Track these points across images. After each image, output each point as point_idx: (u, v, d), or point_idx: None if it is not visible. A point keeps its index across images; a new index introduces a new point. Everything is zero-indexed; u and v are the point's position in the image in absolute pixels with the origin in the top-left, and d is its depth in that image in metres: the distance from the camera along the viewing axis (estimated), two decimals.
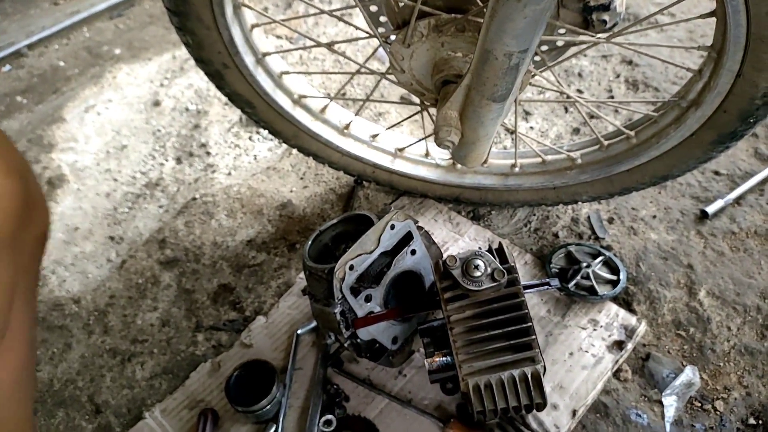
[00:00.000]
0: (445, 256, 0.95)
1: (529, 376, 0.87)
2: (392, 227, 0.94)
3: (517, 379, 0.86)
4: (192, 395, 1.09)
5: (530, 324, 0.88)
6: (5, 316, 0.60)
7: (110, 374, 1.16)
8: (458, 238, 1.26)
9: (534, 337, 0.87)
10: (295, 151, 1.45)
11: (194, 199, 1.44)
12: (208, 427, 1.02)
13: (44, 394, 1.15)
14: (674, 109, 0.96)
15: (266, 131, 1.23)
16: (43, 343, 1.22)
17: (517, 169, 1.18)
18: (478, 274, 0.87)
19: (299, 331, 1.13)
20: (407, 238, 0.96)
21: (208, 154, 1.54)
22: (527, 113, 1.53)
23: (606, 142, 1.08)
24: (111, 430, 1.09)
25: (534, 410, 0.91)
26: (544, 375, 0.88)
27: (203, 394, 1.09)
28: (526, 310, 0.88)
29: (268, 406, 0.99)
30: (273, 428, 1.01)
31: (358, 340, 0.94)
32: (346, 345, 0.94)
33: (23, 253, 0.62)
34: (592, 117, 1.47)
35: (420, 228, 1.01)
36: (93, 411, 1.12)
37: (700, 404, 1.02)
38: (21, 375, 0.68)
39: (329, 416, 1.02)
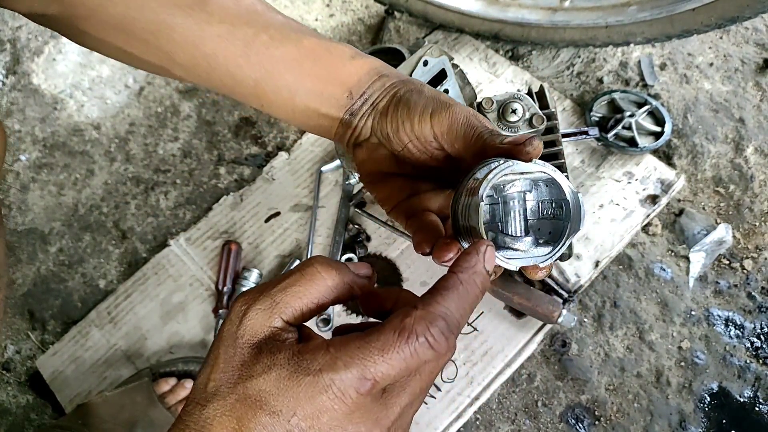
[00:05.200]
0: (480, 97, 0.88)
1: None
2: (425, 63, 0.86)
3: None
4: (215, 226, 1.10)
5: (566, 174, 0.83)
6: None
7: (134, 202, 1.17)
8: (494, 79, 1.17)
9: None
10: None
11: None
12: (232, 258, 1.03)
13: (70, 218, 1.16)
14: None
15: None
16: (66, 168, 1.21)
17: (567, 4, 1.06)
18: (515, 118, 0.81)
19: (323, 169, 1.10)
20: (440, 76, 0.89)
21: None
22: None
23: None
24: (137, 255, 1.11)
25: (558, 260, 0.90)
26: None
27: (226, 225, 1.10)
28: (563, 160, 0.83)
29: None
30: (296, 263, 1.02)
31: None
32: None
33: None
34: None
35: (455, 66, 0.93)
36: (119, 236, 1.14)
37: (728, 262, 1.00)
38: None
39: (351, 254, 1.02)
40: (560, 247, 0.41)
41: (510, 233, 0.43)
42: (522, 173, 0.40)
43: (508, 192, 0.42)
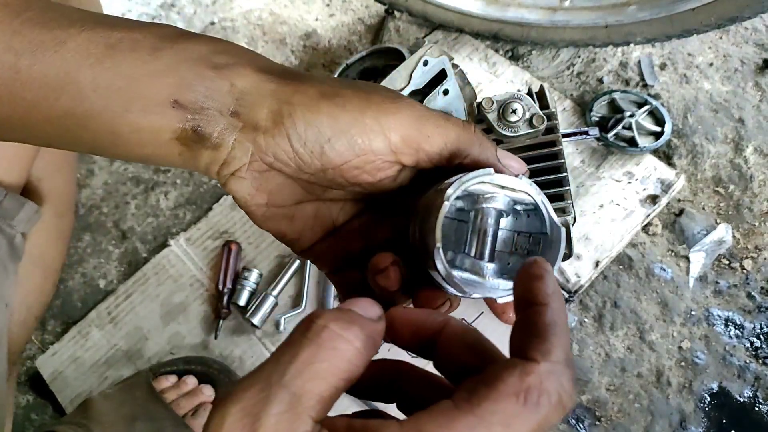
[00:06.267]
0: (480, 97, 0.88)
1: None
2: (425, 63, 0.86)
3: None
4: (215, 226, 1.10)
5: (565, 174, 0.83)
6: None
7: (134, 202, 1.17)
8: (494, 79, 1.17)
9: (568, 188, 0.83)
10: None
11: (212, 23, 1.34)
12: (232, 257, 1.03)
13: None
14: None
15: None
16: None
17: (567, 3, 1.06)
18: (515, 118, 0.81)
19: None
20: (440, 76, 0.89)
21: None
22: None
23: None
24: (137, 255, 1.12)
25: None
26: (573, 226, 0.85)
27: (226, 225, 1.09)
28: (563, 160, 0.83)
29: None
30: (296, 263, 1.02)
31: None
32: None
33: None
34: None
35: (455, 66, 0.93)
36: (119, 236, 1.14)
37: (728, 262, 1.00)
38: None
39: None
40: None
41: (473, 254, 0.36)
42: (503, 187, 0.34)
43: (483, 206, 0.35)
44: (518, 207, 0.36)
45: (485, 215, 0.35)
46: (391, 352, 0.35)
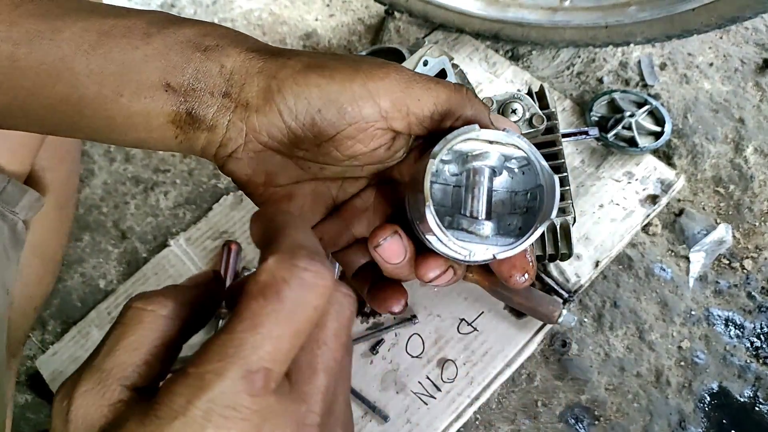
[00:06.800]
0: (480, 97, 0.88)
1: (558, 227, 0.84)
2: (425, 63, 0.86)
3: (545, 229, 0.84)
4: (215, 226, 1.10)
5: (566, 174, 0.83)
6: None
7: (134, 202, 1.17)
8: (494, 79, 1.17)
9: (568, 187, 0.83)
10: None
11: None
12: (232, 257, 1.03)
13: None
14: None
15: None
16: None
17: (567, 3, 1.06)
18: (515, 118, 0.81)
19: None
20: (440, 76, 0.89)
21: None
22: None
23: None
24: (137, 255, 1.11)
25: (558, 260, 0.90)
26: (573, 226, 0.85)
27: (226, 225, 1.09)
28: (563, 160, 0.83)
29: None
30: None
31: None
32: None
33: None
34: None
35: (455, 66, 0.93)
36: (119, 236, 1.14)
37: (728, 262, 1.00)
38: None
39: None
40: (526, 239, 0.33)
41: (468, 214, 0.35)
42: (491, 142, 0.33)
43: (474, 164, 0.35)
44: (512, 165, 0.35)
45: (477, 172, 0.35)
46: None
